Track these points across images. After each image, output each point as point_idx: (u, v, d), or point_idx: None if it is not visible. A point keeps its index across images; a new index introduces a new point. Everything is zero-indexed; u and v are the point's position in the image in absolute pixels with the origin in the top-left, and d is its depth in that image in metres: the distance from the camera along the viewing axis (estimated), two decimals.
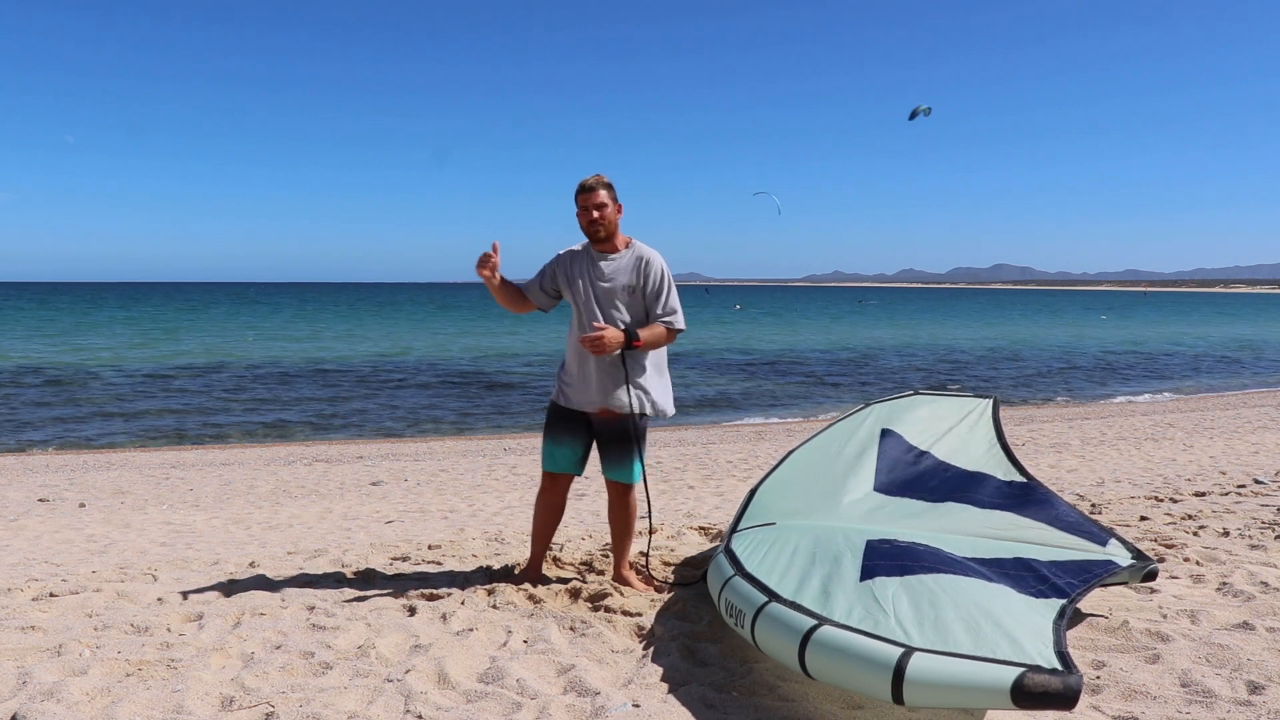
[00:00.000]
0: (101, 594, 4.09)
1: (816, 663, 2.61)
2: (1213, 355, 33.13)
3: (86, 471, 10.92)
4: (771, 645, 2.82)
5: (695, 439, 13.53)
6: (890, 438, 4.33)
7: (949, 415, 4.56)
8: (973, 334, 47.50)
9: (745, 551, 3.44)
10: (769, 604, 2.91)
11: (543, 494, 4.20)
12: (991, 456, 4.25)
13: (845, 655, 2.55)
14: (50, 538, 6.58)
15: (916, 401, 4.72)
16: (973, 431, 4.43)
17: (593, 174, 3.99)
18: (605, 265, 3.99)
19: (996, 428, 4.44)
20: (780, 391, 22.00)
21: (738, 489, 8.22)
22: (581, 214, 3.96)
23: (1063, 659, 2.40)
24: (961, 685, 2.34)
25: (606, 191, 3.94)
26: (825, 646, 2.61)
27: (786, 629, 2.76)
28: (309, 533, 6.63)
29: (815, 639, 2.64)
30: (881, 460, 4.20)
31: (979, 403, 4.68)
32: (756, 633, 2.89)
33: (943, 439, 4.36)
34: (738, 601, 3.07)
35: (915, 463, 4.20)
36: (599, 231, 3.95)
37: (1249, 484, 6.86)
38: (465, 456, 11.83)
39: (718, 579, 3.36)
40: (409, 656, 3.23)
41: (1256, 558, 4.35)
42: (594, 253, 4.02)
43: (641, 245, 4.06)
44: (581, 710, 2.78)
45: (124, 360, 28.44)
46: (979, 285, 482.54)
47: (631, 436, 4.02)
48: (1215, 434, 11.87)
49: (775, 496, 4.05)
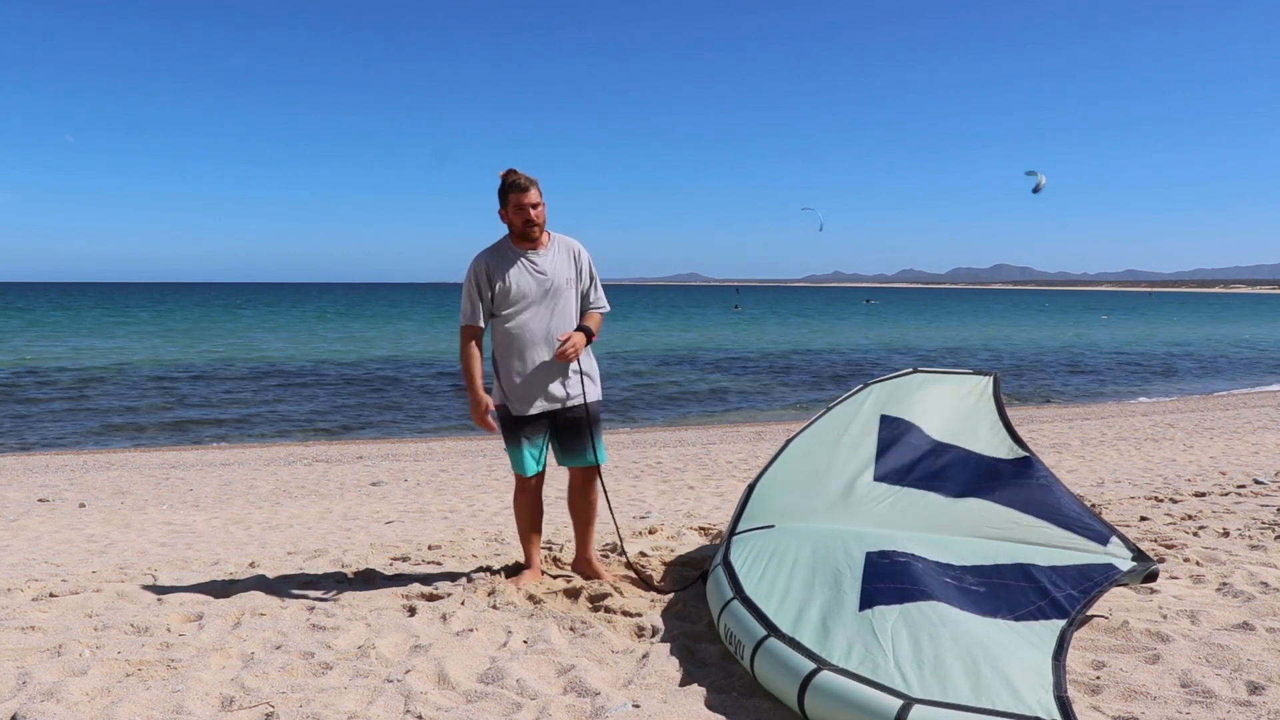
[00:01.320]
0: (101, 594, 4.09)
1: (815, 708, 2.61)
2: (1224, 356, 33.06)
3: (86, 471, 10.92)
4: (771, 682, 2.82)
5: (695, 439, 13.53)
6: (889, 423, 4.29)
7: (949, 394, 4.50)
8: (973, 334, 47.50)
9: (744, 566, 3.40)
10: (768, 639, 2.89)
11: (520, 495, 4.16)
12: (994, 435, 4.22)
13: (844, 704, 2.54)
14: (50, 538, 6.58)
15: (915, 381, 4.65)
16: (974, 410, 4.39)
17: (509, 169, 3.90)
18: (538, 260, 3.94)
19: (998, 405, 4.40)
20: (781, 391, 21.99)
21: (738, 489, 8.22)
22: (516, 213, 3.87)
23: (1062, 706, 2.41)
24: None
25: (537, 189, 3.89)
26: (824, 693, 2.60)
27: (786, 670, 2.75)
28: (309, 533, 6.63)
29: (815, 684, 2.63)
30: (881, 448, 4.16)
31: (980, 380, 4.62)
32: (756, 667, 2.89)
33: (944, 419, 4.31)
34: (737, 631, 3.07)
35: (915, 449, 4.15)
36: (534, 231, 3.90)
37: (1249, 484, 6.86)
38: (465, 456, 11.83)
39: (717, 599, 3.34)
40: (409, 656, 3.23)
41: (1256, 558, 4.35)
42: (521, 250, 3.95)
43: (562, 236, 4.05)
44: (581, 710, 2.78)
45: (124, 360, 28.44)
46: (979, 286, 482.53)
47: (594, 419, 4.04)
48: (1215, 434, 11.87)
49: (774, 493, 4.02)
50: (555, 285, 3.94)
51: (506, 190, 3.87)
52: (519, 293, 3.90)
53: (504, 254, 3.96)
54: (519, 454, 4.05)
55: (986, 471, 3.99)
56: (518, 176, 3.86)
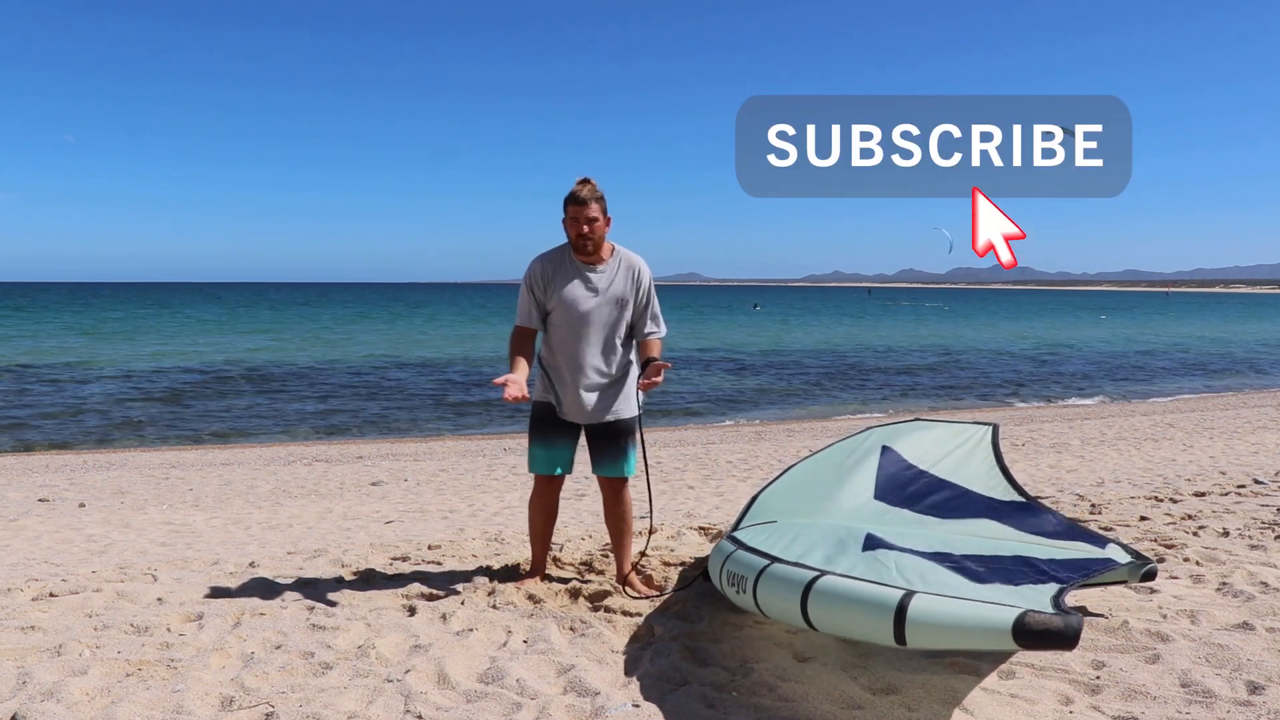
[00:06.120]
0: (101, 594, 4.09)
1: (819, 611, 2.64)
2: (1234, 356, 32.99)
3: (86, 471, 10.92)
4: (773, 603, 2.85)
5: (695, 439, 13.53)
6: (890, 454, 4.39)
7: (948, 440, 4.61)
8: (978, 333, 47.45)
9: (747, 536, 3.49)
10: (771, 565, 2.96)
11: (538, 497, 4.12)
12: (991, 479, 4.29)
13: (847, 600, 2.58)
14: (50, 538, 6.58)
15: (917, 426, 4.79)
16: (971, 456, 4.48)
17: (582, 179, 3.87)
18: (595, 276, 3.90)
19: (996, 454, 4.48)
20: (781, 391, 21.99)
21: (738, 489, 8.23)
22: (570, 224, 3.85)
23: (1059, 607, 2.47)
24: (963, 625, 2.37)
25: (598, 205, 3.83)
26: (827, 594, 2.65)
27: (788, 583, 2.79)
28: (309, 533, 6.63)
29: (817, 588, 2.68)
30: (881, 473, 4.26)
31: (979, 429, 4.71)
32: (759, 593, 2.92)
33: (941, 461, 4.41)
34: (739, 569, 3.11)
35: (914, 478, 4.25)
36: (587, 245, 3.86)
37: (1249, 484, 6.86)
38: (465, 456, 11.83)
39: (719, 558, 3.40)
40: (409, 656, 3.23)
41: (1256, 558, 4.35)
42: (579, 263, 3.92)
43: (626, 252, 3.98)
44: (581, 710, 2.79)
45: (126, 361, 28.43)
46: (979, 285, 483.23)
47: (625, 431, 4.00)
48: (1215, 434, 11.87)
49: (777, 500, 4.10)
50: (607, 301, 3.88)
51: (567, 200, 3.86)
52: (570, 302, 3.87)
53: (561, 261, 3.93)
54: (538, 454, 4.02)
55: (984, 505, 4.07)
56: (580, 189, 3.83)
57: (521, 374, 3.81)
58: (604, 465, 4.03)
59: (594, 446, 4.03)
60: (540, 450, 4.03)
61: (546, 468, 4.03)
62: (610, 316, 3.89)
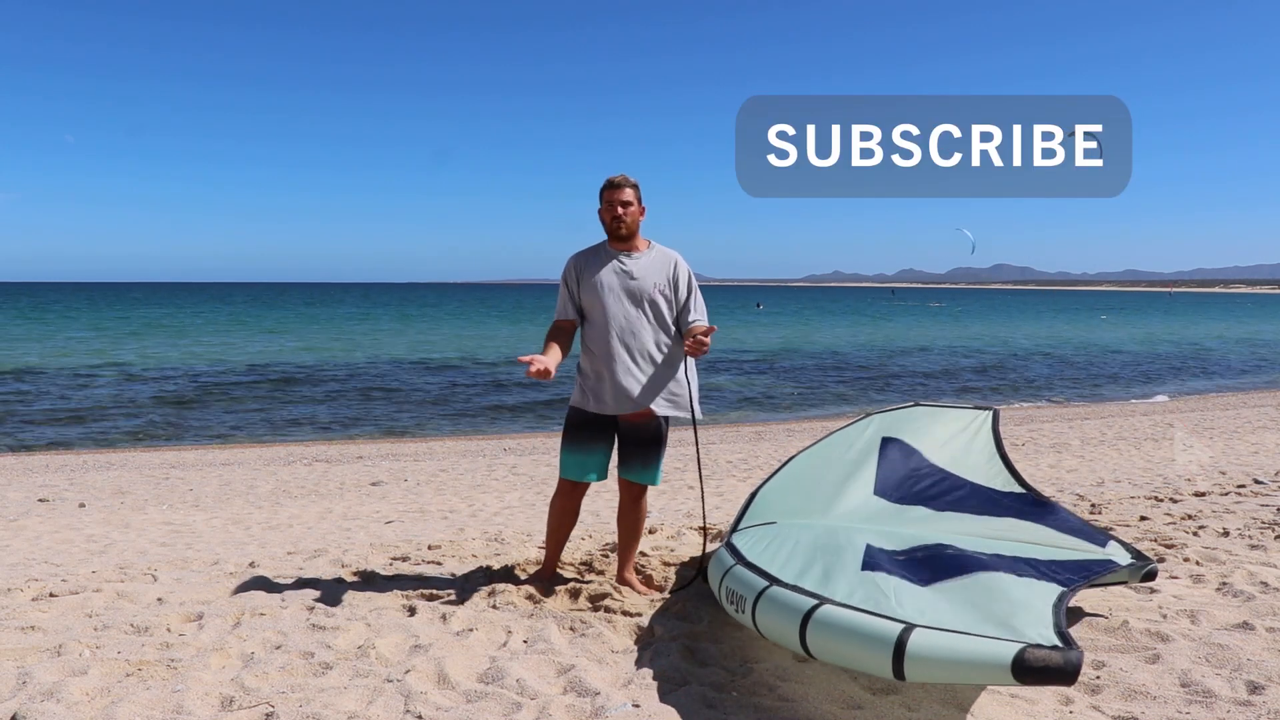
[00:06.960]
0: (101, 594, 4.09)
1: (817, 641, 2.64)
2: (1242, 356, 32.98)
3: (86, 471, 10.92)
4: (772, 628, 2.85)
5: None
6: (891, 445, 4.37)
7: (949, 427, 4.59)
8: (977, 334, 47.44)
9: (746, 545, 3.46)
10: (770, 588, 2.94)
11: (561, 500, 4.09)
12: (991, 468, 4.28)
13: (846, 632, 2.57)
14: (50, 538, 6.57)
15: (917, 413, 4.74)
16: (972, 443, 4.47)
17: (620, 173, 3.93)
18: (630, 263, 3.92)
19: (996, 440, 4.47)
20: (782, 390, 21.99)
21: (738, 489, 8.23)
22: (605, 209, 3.90)
23: (1063, 637, 2.43)
24: (962, 661, 2.36)
25: (633, 191, 3.89)
26: (826, 624, 2.64)
27: (787, 609, 2.79)
28: (309, 533, 6.63)
29: (816, 617, 2.67)
30: (882, 466, 4.23)
31: (979, 415, 4.70)
32: (758, 616, 2.91)
33: (942, 449, 4.39)
34: (738, 588, 3.10)
35: (915, 470, 4.23)
36: (620, 229, 3.89)
37: (1249, 484, 6.86)
38: (465, 456, 11.83)
39: (718, 570, 3.39)
40: (409, 656, 3.23)
41: (1256, 558, 4.35)
42: (614, 250, 3.95)
43: (663, 247, 4.01)
44: (581, 710, 2.79)
45: (124, 359, 28.44)
46: (979, 285, 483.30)
47: (660, 438, 3.99)
48: (1215, 434, 11.86)
49: (776, 498, 4.08)
50: (642, 288, 3.89)
51: (603, 188, 3.91)
52: (604, 289, 3.88)
53: (597, 252, 3.98)
54: (569, 459, 4.00)
55: (986, 498, 4.05)
56: (616, 175, 3.91)
57: (550, 357, 3.79)
58: (632, 470, 4.01)
59: (624, 450, 4.01)
60: (571, 455, 4.01)
61: (578, 473, 4.01)
62: (643, 299, 3.89)
